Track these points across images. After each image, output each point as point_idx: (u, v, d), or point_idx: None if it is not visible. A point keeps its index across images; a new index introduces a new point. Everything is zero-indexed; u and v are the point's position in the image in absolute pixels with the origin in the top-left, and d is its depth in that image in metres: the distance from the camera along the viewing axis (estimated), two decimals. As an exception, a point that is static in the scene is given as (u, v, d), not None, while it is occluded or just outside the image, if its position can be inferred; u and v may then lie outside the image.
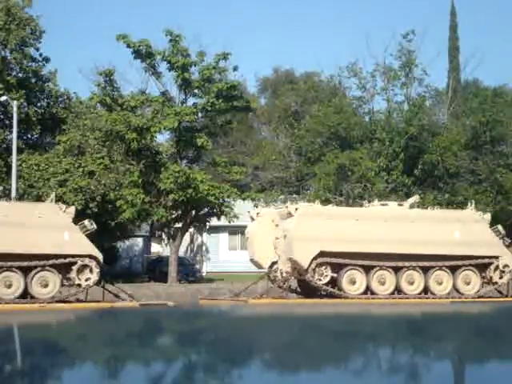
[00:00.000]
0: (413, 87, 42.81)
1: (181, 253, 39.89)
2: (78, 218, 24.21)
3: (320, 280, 24.59)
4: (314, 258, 24.39)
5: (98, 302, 23.76)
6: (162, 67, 37.23)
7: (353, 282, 24.96)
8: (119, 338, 9.10)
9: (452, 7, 51.51)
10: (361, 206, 29.15)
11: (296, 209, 25.29)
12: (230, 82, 36.71)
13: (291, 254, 24.65)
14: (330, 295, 24.76)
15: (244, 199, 37.29)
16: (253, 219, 27.34)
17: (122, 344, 8.29)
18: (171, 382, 6.06)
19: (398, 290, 25.31)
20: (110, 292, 24.64)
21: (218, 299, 27.63)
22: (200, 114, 37.86)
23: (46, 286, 22.50)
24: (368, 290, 24.99)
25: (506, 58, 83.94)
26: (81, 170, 35.31)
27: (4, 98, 34.98)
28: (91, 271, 23.01)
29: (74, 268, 22.74)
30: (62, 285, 22.95)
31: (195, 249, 47.78)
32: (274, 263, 25.69)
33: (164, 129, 36.24)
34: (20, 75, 38.32)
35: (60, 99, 40.03)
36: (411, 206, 26.91)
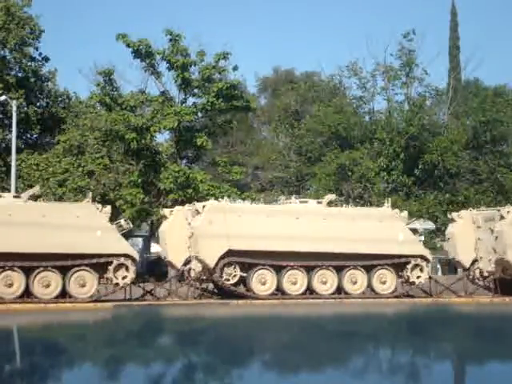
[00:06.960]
0: (413, 87, 42.81)
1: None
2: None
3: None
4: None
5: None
6: (162, 67, 37.19)
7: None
8: None
9: (452, 6, 51.35)
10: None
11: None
12: (229, 82, 36.60)
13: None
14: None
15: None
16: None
17: None
18: None
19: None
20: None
21: None
22: (200, 114, 37.76)
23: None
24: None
25: (507, 57, 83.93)
26: (80, 169, 35.26)
27: (3, 97, 34.87)
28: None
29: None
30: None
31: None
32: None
33: (164, 128, 36.15)
34: (19, 75, 38.27)
35: (59, 99, 39.99)
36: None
